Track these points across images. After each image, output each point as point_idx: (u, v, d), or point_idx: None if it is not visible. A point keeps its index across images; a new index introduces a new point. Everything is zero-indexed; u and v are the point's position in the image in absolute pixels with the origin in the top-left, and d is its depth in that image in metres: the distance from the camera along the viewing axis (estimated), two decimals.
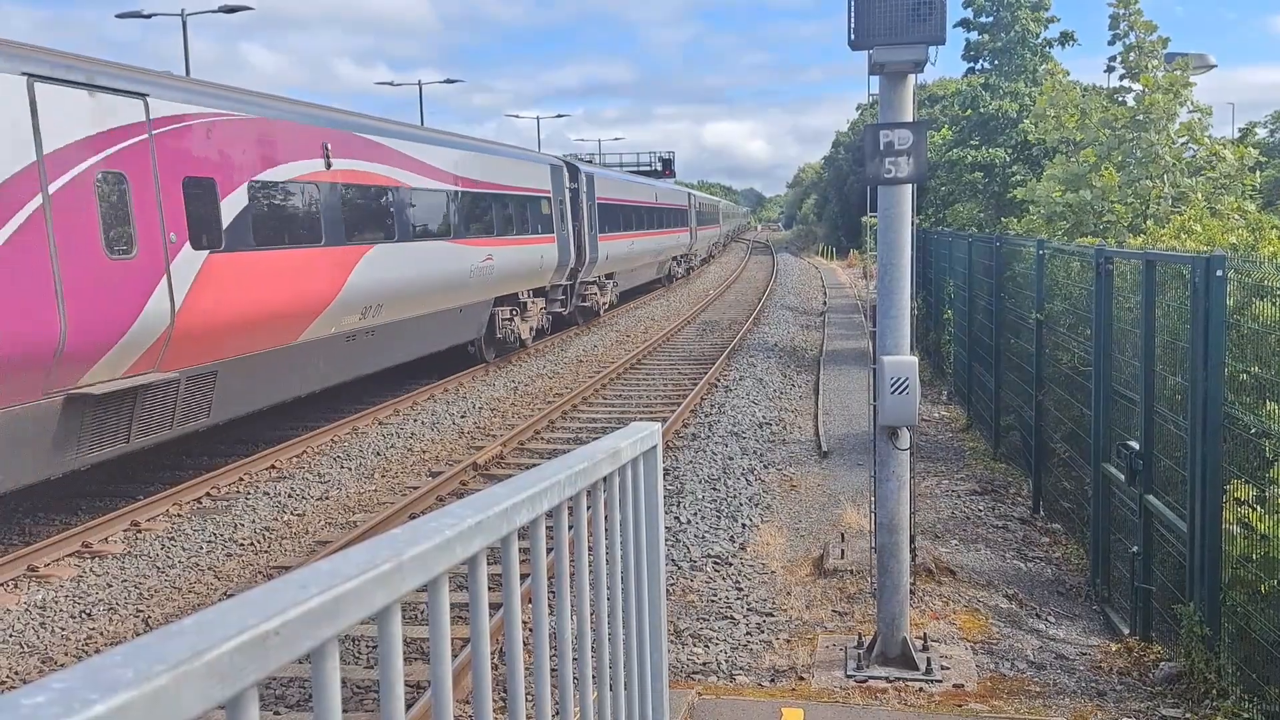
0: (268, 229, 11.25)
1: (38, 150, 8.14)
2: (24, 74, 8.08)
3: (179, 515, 10.13)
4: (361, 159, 13.26)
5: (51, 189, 8.23)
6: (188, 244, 9.84)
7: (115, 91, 9.05)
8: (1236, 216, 10.82)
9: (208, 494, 10.77)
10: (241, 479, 11.35)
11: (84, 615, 7.63)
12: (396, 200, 14.20)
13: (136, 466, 12.29)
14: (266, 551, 9.04)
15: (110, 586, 8.18)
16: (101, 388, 8.75)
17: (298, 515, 10.08)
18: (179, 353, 9.71)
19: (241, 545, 9.17)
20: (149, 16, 23.10)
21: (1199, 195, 11.94)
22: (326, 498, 10.69)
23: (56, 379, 8.27)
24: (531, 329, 20.09)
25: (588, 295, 24.59)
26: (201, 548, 9.10)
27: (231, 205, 10.60)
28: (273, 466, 11.88)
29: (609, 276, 26.91)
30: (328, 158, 12.38)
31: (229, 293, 10.39)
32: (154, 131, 9.46)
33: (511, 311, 18.94)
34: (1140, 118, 12.97)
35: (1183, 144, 12.87)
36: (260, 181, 11.14)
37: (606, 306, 26.64)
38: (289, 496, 10.69)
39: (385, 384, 18.11)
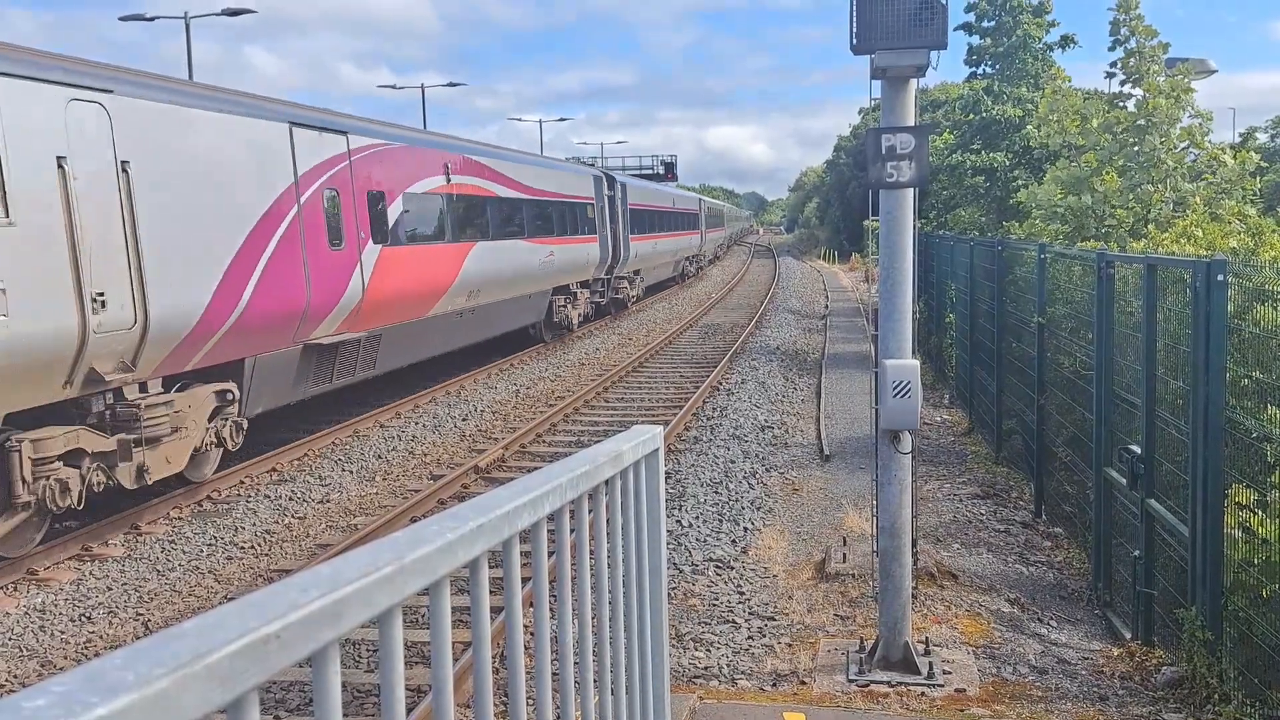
0: (413, 229, 14.74)
1: (295, 175, 11.56)
2: (287, 122, 11.60)
3: (179, 518, 10.13)
4: (469, 175, 16.92)
5: (302, 201, 11.67)
6: (370, 240, 13.28)
7: (332, 131, 12.60)
8: (1237, 221, 10.82)
9: (208, 497, 10.77)
10: (242, 482, 11.35)
11: (84, 619, 7.63)
12: (491, 208, 17.81)
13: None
14: (267, 555, 9.04)
15: (110, 590, 8.18)
16: (325, 340, 12.28)
17: (298, 518, 10.07)
18: (363, 319, 13.13)
19: (242, 548, 9.17)
20: (152, 19, 23.16)
21: (1198, 200, 11.94)
22: (327, 501, 10.69)
23: (300, 333, 11.79)
24: (579, 315, 23.45)
25: (620, 288, 28.26)
26: (202, 551, 9.10)
27: (394, 211, 14.10)
28: (273, 469, 11.88)
29: (636, 273, 30.47)
30: (448, 175, 15.94)
31: (391, 276, 13.76)
32: (351, 159, 12.96)
33: (565, 300, 22.43)
34: (1141, 122, 12.97)
35: (1184, 148, 12.88)
36: (410, 193, 14.61)
37: (635, 299, 30.43)
38: (290, 499, 10.69)
39: (386, 388, 18.14)
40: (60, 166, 8.25)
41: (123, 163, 8.93)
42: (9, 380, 7.85)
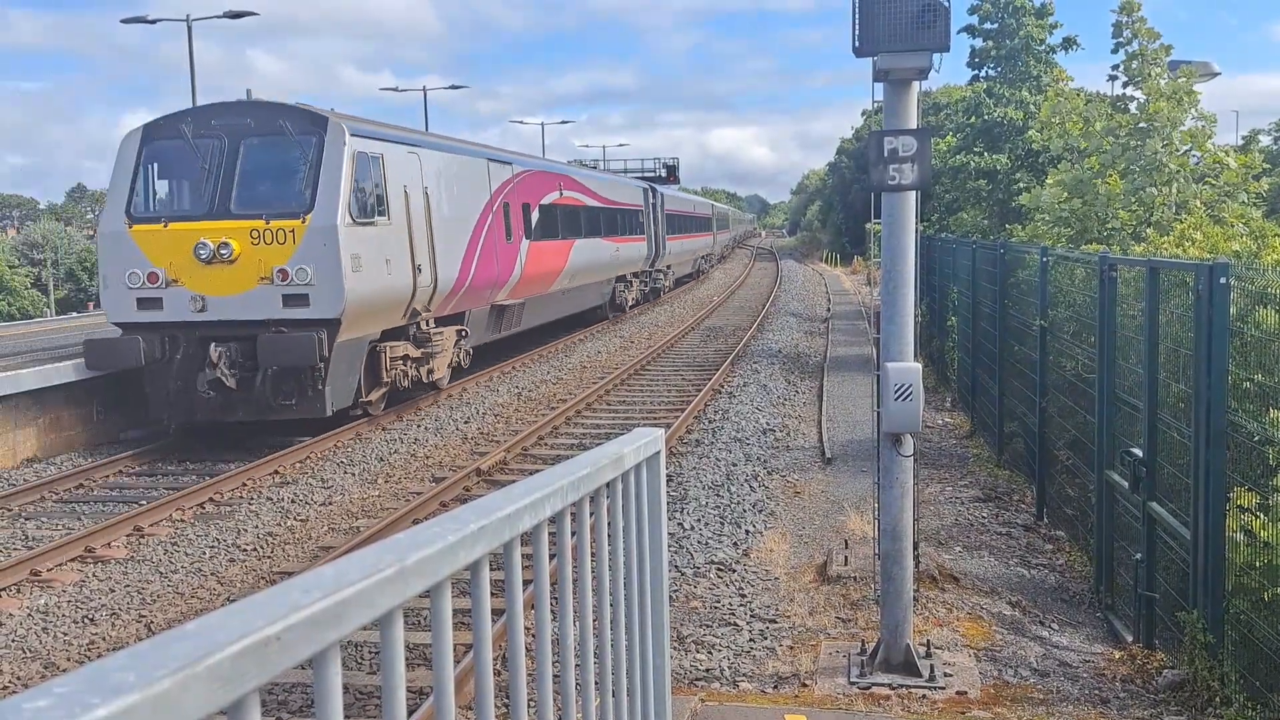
0: (543, 229, 20.68)
1: (489, 192, 17.60)
2: (485, 159, 17.82)
3: (182, 520, 10.14)
4: (572, 190, 23.45)
5: (493, 210, 17.63)
6: (524, 236, 19.29)
7: (506, 164, 18.82)
8: (1240, 224, 10.81)
9: (211, 499, 10.78)
10: (245, 484, 11.36)
11: (87, 620, 7.64)
12: (584, 214, 24.13)
13: (139, 472, 12.31)
14: (269, 557, 9.05)
15: (113, 591, 8.19)
16: (503, 302, 18.28)
17: (301, 520, 10.08)
18: (519, 291, 19.12)
19: (244, 550, 9.18)
20: (153, 21, 23.19)
21: (1199, 203, 11.93)
22: (330, 503, 10.69)
23: (490, 298, 17.58)
24: (632, 298, 30.34)
25: (658, 279, 34.99)
26: (205, 553, 9.11)
27: (534, 216, 20.12)
28: (276, 472, 11.89)
29: (669, 266, 37.19)
30: (560, 190, 22.34)
31: (534, 262, 19.77)
32: (514, 181, 19.01)
33: (623, 286, 29.06)
34: (1144, 125, 12.97)
35: (1186, 151, 12.87)
36: (542, 204, 20.72)
37: (668, 288, 37.48)
38: (292, 502, 10.70)
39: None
40: (405, 191, 14.00)
41: (425, 188, 14.70)
42: (385, 311, 13.54)
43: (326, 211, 12.39)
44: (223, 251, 12.27)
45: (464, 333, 16.38)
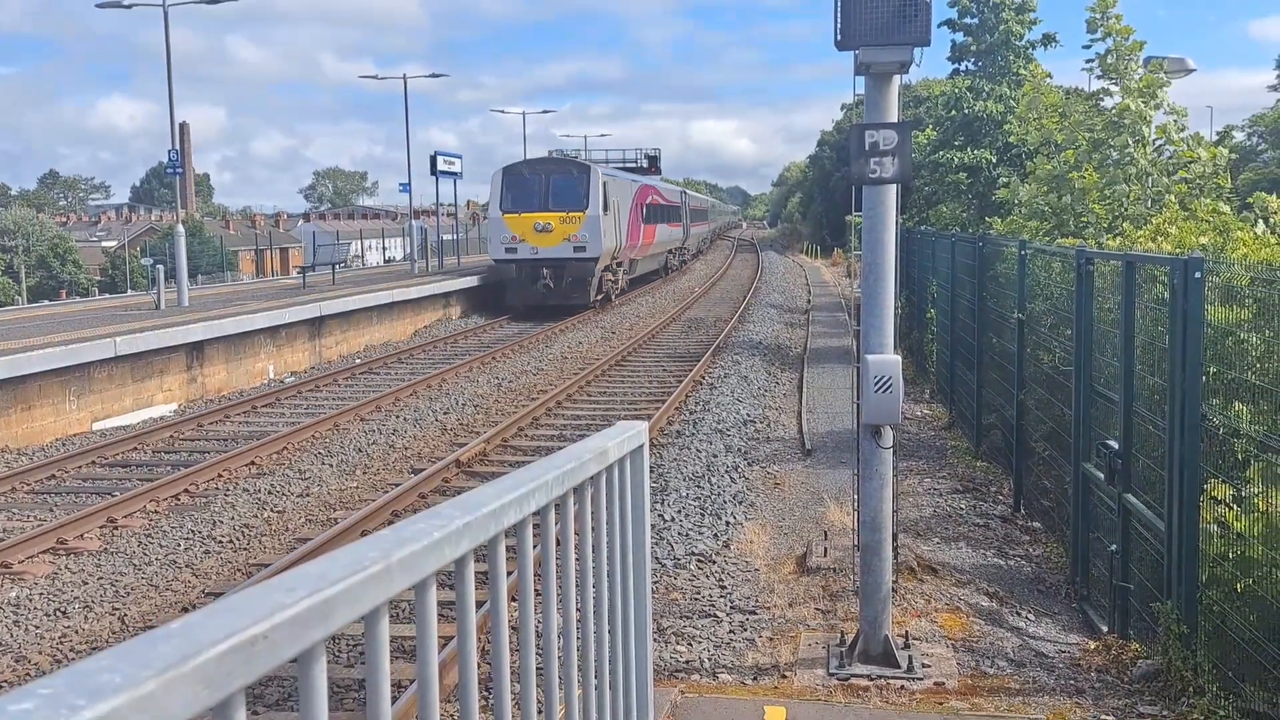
0: (648, 218, 34.96)
1: (633, 197, 32.47)
2: (629, 180, 34.17)
3: (156, 512, 10.04)
4: (655, 195, 37.18)
5: (634, 206, 32.58)
6: (641, 221, 33.56)
7: (635, 181, 34.24)
8: (1209, 219, 10.91)
9: (186, 490, 10.68)
10: (220, 475, 11.27)
11: (59, 613, 7.56)
12: (660, 209, 37.52)
13: (113, 462, 12.19)
14: (246, 549, 8.98)
15: (86, 584, 8.11)
16: (633, 258, 33.14)
17: (277, 512, 10.02)
18: (639, 252, 33.95)
19: (220, 542, 9.11)
20: (129, 6, 22.82)
21: (1172, 197, 12.02)
22: (307, 494, 10.63)
23: (631, 254, 32.36)
24: (676, 264, 44.71)
25: (684, 255, 48.07)
26: (179, 545, 9.03)
27: (644, 210, 34.29)
28: (252, 463, 11.81)
29: (688, 247, 50.65)
30: (650, 195, 35.85)
31: (646, 236, 34.84)
32: (639, 190, 33.71)
33: (671, 256, 42.93)
34: (1115, 120, 13.05)
35: (1159, 145, 12.96)
36: (646, 203, 34.45)
37: (692, 255, 52.93)
38: (269, 493, 10.63)
39: (370, 382, 18.03)
40: (613, 199, 28.33)
41: (618, 199, 29.32)
42: (608, 256, 27.92)
43: (593, 208, 26.67)
44: (547, 226, 26.42)
45: (624, 271, 31.08)
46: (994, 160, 23.08)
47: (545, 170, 27.59)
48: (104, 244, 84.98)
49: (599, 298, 28.10)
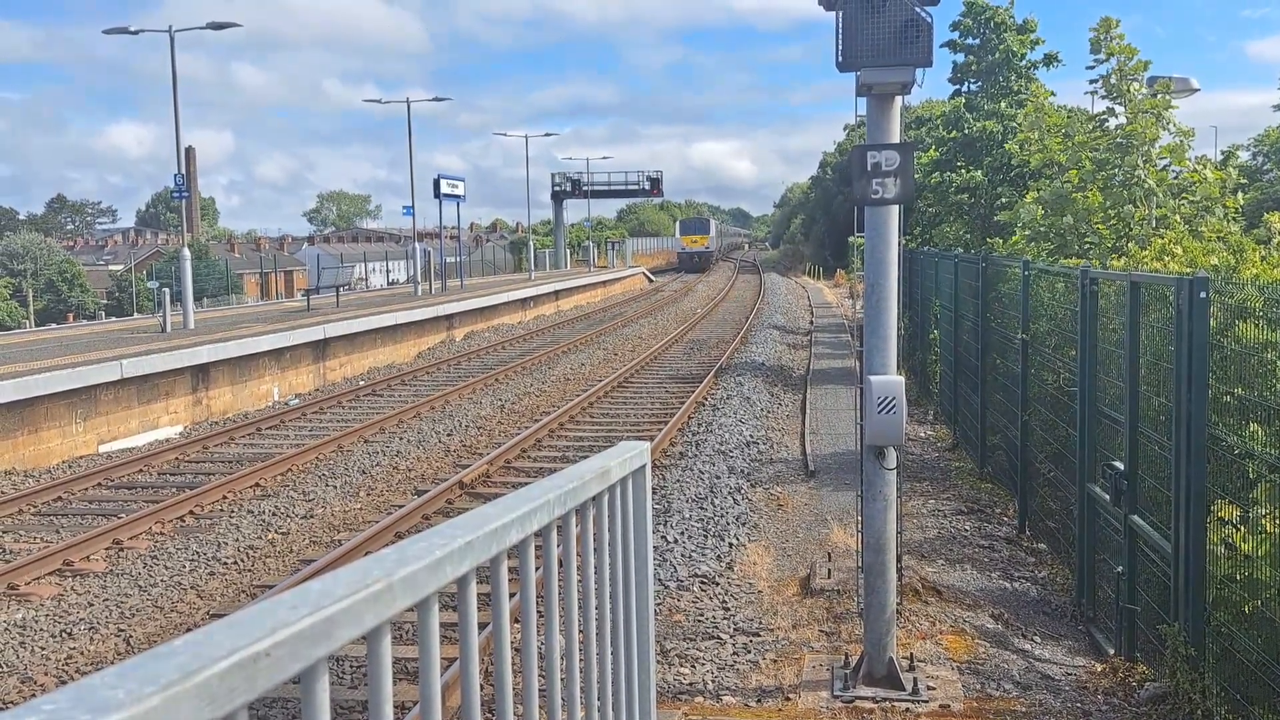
0: (722, 239, 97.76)
1: (715, 228, 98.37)
2: (710, 218, 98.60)
3: (162, 533, 10.04)
4: (705, 228, 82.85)
5: (714, 236, 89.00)
6: (714, 235, 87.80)
7: (711, 219, 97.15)
8: (1217, 240, 10.92)
9: (191, 512, 10.69)
10: (225, 497, 11.27)
11: (65, 634, 7.54)
12: (710, 228, 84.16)
13: (119, 484, 12.20)
14: (250, 570, 8.97)
15: (92, 605, 8.10)
16: (696, 250, 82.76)
17: (282, 534, 10.01)
18: (717, 251, 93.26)
19: (225, 564, 9.10)
20: (136, 33, 23.04)
21: (1178, 218, 12.04)
22: (311, 516, 10.62)
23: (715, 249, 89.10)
24: (710, 263, 77.65)
25: (714, 260, 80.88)
26: (184, 566, 9.02)
27: (717, 234, 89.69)
28: (257, 484, 11.81)
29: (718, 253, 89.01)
30: (718, 225, 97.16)
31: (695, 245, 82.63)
32: (716, 223, 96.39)
33: (709, 258, 78.11)
34: (1121, 141, 13.09)
35: (1165, 166, 13.00)
36: (713, 232, 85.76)
37: (721, 257, 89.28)
38: (273, 515, 10.62)
39: (374, 404, 18.05)
40: (718, 227, 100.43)
41: (719, 230, 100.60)
42: (719, 253, 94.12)
43: (713, 237, 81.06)
44: (700, 242, 76.84)
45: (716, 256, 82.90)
46: (986, 181, 23.12)
47: (697, 219, 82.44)
48: (110, 268, 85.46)
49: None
